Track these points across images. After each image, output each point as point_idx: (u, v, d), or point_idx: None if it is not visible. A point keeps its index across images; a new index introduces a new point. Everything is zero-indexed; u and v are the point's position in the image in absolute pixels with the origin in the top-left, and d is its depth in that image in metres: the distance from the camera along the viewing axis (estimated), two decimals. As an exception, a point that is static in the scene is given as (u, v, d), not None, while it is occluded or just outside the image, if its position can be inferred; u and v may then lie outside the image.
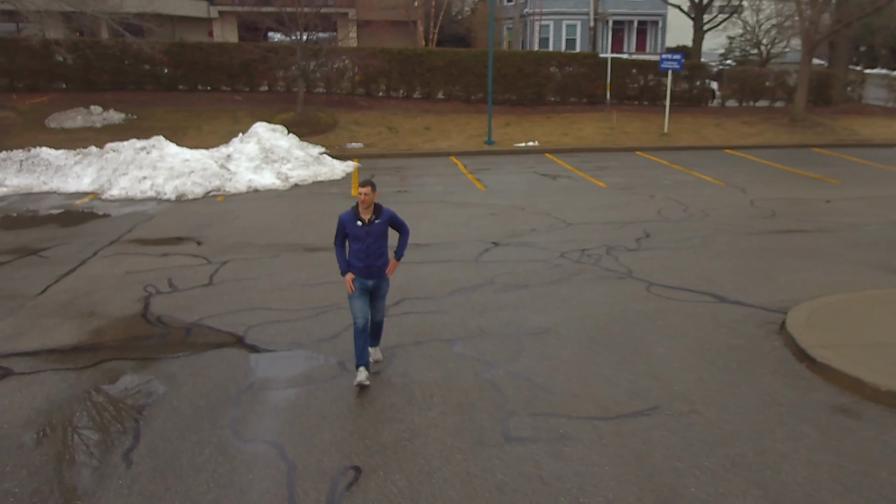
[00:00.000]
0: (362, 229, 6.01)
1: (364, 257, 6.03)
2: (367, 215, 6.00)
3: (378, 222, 6.03)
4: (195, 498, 4.60)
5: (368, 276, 6.10)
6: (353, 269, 6.09)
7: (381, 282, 6.22)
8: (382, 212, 6.09)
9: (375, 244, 6.05)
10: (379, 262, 6.12)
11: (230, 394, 6.00)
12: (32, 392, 6.00)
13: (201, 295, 8.43)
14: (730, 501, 4.58)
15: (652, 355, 6.75)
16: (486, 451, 5.16)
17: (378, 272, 6.13)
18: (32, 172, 15.10)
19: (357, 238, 6.03)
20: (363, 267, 6.06)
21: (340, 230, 6.13)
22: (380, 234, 6.08)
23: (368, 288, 6.14)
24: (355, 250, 6.06)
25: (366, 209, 5.99)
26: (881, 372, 6.10)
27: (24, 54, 21.43)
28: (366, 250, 6.02)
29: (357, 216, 6.02)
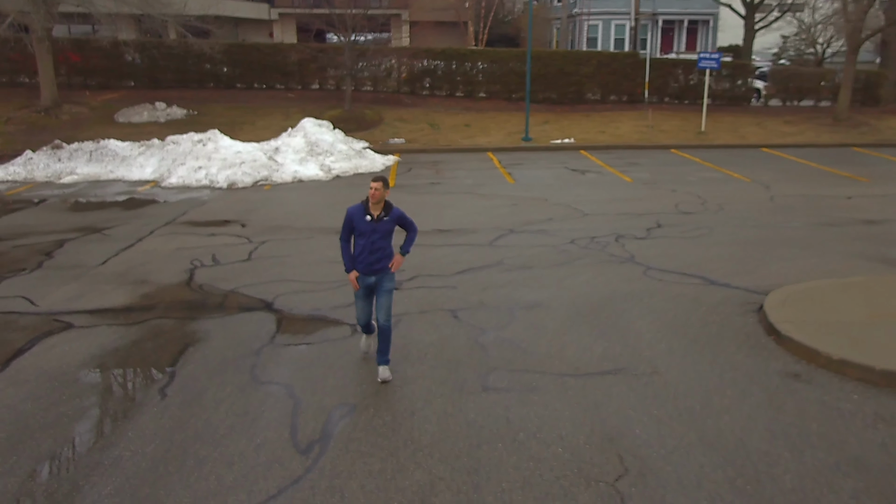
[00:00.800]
0: (370, 224, 5.98)
1: (368, 253, 6.01)
2: (377, 211, 5.99)
3: (386, 219, 6.02)
4: (214, 423, 5.58)
5: (370, 273, 6.07)
6: (357, 266, 6.08)
7: (384, 277, 6.15)
8: (392, 210, 6.08)
9: (380, 241, 6.02)
10: (382, 259, 6.09)
11: (254, 347, 7.00)
12: (89, 341, 7.14)
13: (239, 268, 9.52)
14: (666, 441, 5.28)
15: (629, 328, 7.44)
16: (464, 397, 5.99)
17: (381, 270, 6.10)
18: (101, 162, 16.65)
19: (363, 233, 6.00)
20: (366, 263, 6.04)
21: (347, 224, 6.06)
22: (386, 232, 6.05)
23: (370, 285, 6.14)
24: (360, 245, 6.03)
25: (375, 204, 5.97)
26: (836, 344, 6.64)
27: (97, 54, 23.31)
28: (370, 246, 5.99)
29: (366, 210, 6.00)
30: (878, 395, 5.99)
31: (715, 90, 25.85)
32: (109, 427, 5.51)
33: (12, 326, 7.45)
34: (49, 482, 4.81)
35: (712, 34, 43.16)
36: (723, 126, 23.93)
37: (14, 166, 16.35)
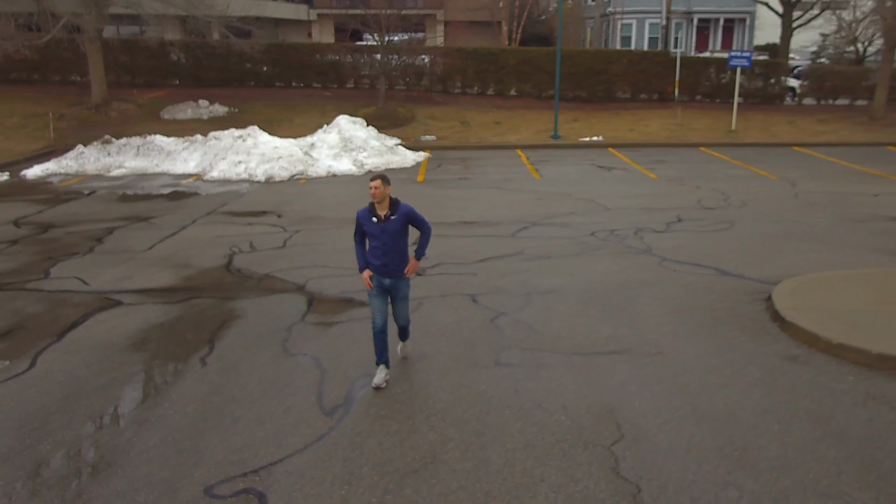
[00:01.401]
0: (377, 226, 5.84)
1: (381, 255, 5.88)
2: (382, 211, 5.86)
3: (394, 219, 5.85)
4: (249, 388, 6.15)
5: (385, 275, 5.96)
6: (371, 267, 5.97)
7: (399, 282, 6.03)
8: (399, 208, 5.90)
9: (392, 242, 5.87)
10: (396, 261, 5.93)
11: (286, 324, 7.57)
12: (136, 317, 7.80)
13: (275, 254, 10.14)
14: (662, 413, 5.67)
15: (638, 313, 7.81)
16: (477, 371, 6.46)
17: (395, 272, 5.96)
18: (147, 156, 17.53)
19: (374, 235, 5.88)
20: (380, 265, 5.92)
21: (358, 227, 5.98)
22: (396, 232, 5.88)
23: (386, 287, 6.02)
24: (372, 248, 5.94)
25: (379, 204, 5.84)
26: (837, 330, 6.93)
27: (144, 54, 24.36)
28: (382, 248, 5.86)
29: (372, 212, 5.88)
30: (873, 376, 6.28)
31: (748, 89, 25.80)
32: (155, 390, 6.13)
33: (67, 303, 8.17)
34: (103, 435, 5.42)
35: (749, 32, 42.71)
36: (754, 124, 23.89)
37: (67, 160, 17.34)
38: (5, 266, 9.56)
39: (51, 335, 7.19)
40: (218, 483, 4.74)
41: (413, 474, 4.84)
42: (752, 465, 4.94)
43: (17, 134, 20.65)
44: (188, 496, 4.59)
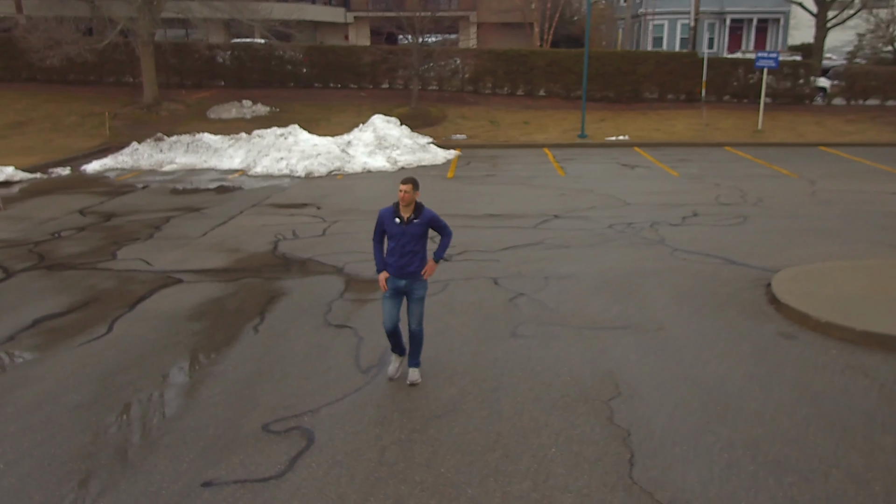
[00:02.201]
0: (399, 227, 5.93)
1: (398, 256, 5.95)
2: (407, 213, 5.94)
3: (416, 222, 5.94)
4: (295, 351, 7.06)
5: (401, 277, 6.00)
6: (388, 268, 6.03)
7: (415, 284, 6.06)
8: (423, 212, 5.98)
9: (411, 244, 5.94)
10: (413, 264, 5.99)
11: (327, 299, 8.49)
12: (195, 293, 8.79)
13: (315, 241, 11.09)
14: (657, 376, 6.42)
15: (646, 295, 8.54)
16: (494, 341, 7.28)
17: (411, 274, 6.01)
18: (196, 153, 18.72)
19: (393, 235, 5.96)
20: (396, 266, 5.98)
21: (379, 225, 6.07)
22: (416, 235, 5.95)
23: (401, 288, 6.05)
24: (391, 248, 6.00)
25: (405, 207, 5.93)
26: (827, 311, 7.58)
27: (192, 57, 25.69)
28: (400, 249, 5.94)
29: (396, 213, 5.97)
30: (855, 351, 6.94)
31: (776, 89, 26.07)
32: (215, 351, 7.08)
33: (134, 280, 9.21)
34: (173, 385, 6.39)
35: (783, 33, 42.63)
36: (781, 124, 24.20)
37: (122, 156, 18.62)
38: (77, 249, 10.69)
39: (123, 306, 8.22)
40: (273, 422, 5.65)
41: (436, 419, 5.69)
42: (730, 419, 5.67)
43: (74, 132, 22.09)
44: (249, 431, 5.51)
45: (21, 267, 9.73)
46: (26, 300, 8.42)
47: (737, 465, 5.01)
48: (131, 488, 4.78)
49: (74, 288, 8.85)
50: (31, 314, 7.93)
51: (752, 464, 5.03)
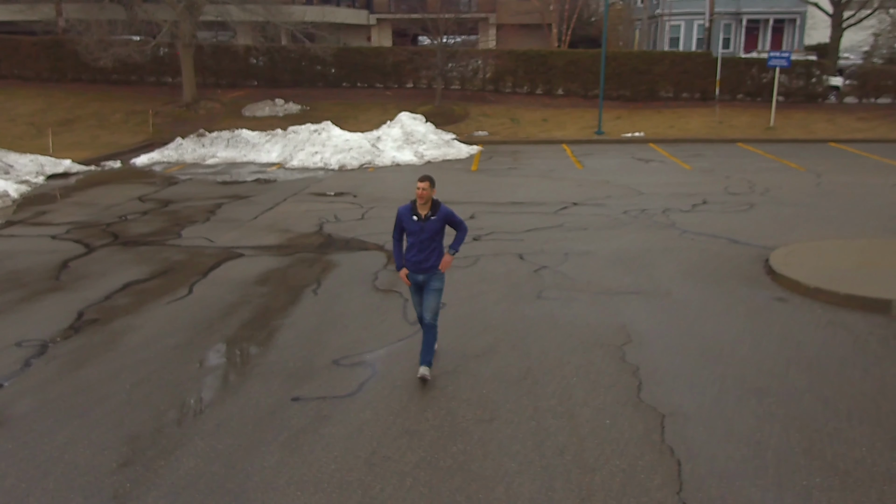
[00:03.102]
0: (417, 224, 6.08)
1: (416, 252, 6.12)
2: (424, 211, 6.08)
3: (434, 219, 6.08)
4: (351, 308, 8.19)
5: (419, 272, 6.19)
6: (407, 264, 6.23)
7: (432, 277, 6.24)
8: (440, 209, 6.12)
9: (429, 240, 6.09)
10: (430, 259, 6.16)
11: (372, 270, 9.63)
12: (256, 264, 9.97)
13: (356, 224, 12.25)
14: (663, 330, 7.47)
15: (656, 268, 9.59)
16: (522, 303, 8.37)
17: (429, 269, 6.19)
18: (236, 147, 19.99)
19: (411, 232, 6.12)
20: (415, 262, 6.16)
21: (398, 223, 6.23)
22: (434, 231, 6.11)
23: (419, 282, 6.28)
24: (409, 244, 6.18)
25: (423, 204, 6.07)
26: (817, 279, 8.59)
27: (228, 58, 27.03)
28: (419, 245, 6.10)
29: (414, 210, 6.12)
30: (838, 311, 7.95)
31: (790, 88, 26.82)
32: (284, 308, 8.25)
33: (202, 254, 10.43)
34: (253, 332, 7.55)
35: (799, 33, 43.22)
36: (793, 122, 25.01)
37: (168, 150, 19.94)
38: (146, 229, 11.94)
39: (197, 274, 9.43)
40: (341, 358, 6.80)
41: (476, 357, 6.80)
42: (723, 361, 6.72)
43: (120, 129, 23.49)
44: (322, 365, 6.66)
45: (100, 243, 10.99)
46: (112, 269, 9.66)
47: (726, 392, 6.07)
48: (236, 402, 5.94)
49: (151, 260, 10.08)
50: (119, 280, 9.16)
51: (738, 390, 6.09)
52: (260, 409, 5.80)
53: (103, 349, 6.97)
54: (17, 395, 6.04)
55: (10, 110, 24.15)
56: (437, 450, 5.20)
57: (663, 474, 4.86)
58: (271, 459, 5.07)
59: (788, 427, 5.48)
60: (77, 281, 9.13)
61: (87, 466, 4.97)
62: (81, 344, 7.11)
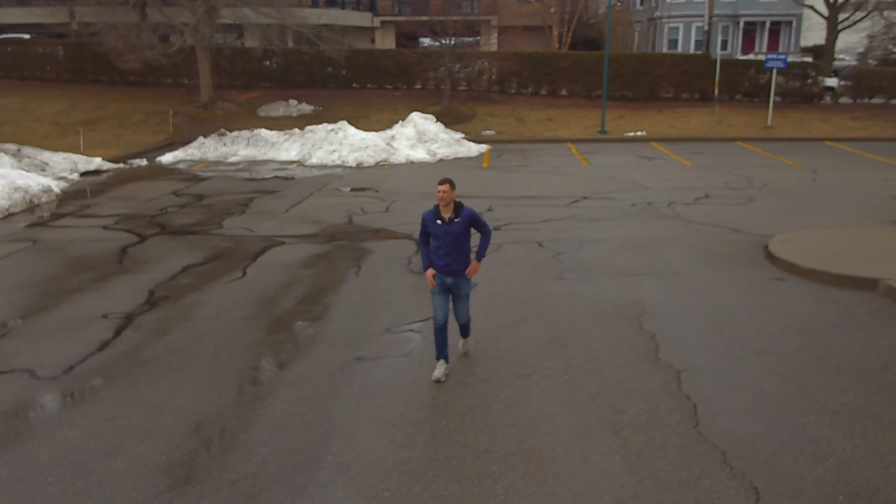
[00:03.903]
0: (441, 228, 6.10)
1: (443, 255, 6.14)
2: (447, 214, 6.10)
3: (457, 221, 6.09)
4: (391, 287, 9.06)
5: (448, 274, 6.23)
6: (434, 266, 6.24)
7: (461, 281, 6.28)
8: (462, 211, 6.14)
9: (455, 243, 6.11)
10: (458, 262, 6.18)
11: (405, 255, 10.51)
12: (299, 250, 10.85)
13: (382, 216, 13.13)
14: (674, 303, 8.36)
15: (665, 252, 10.50)
16: (545, 282, 9.26)
17: (457, 271, 6.22)
18: (256, 146, 20.86)
19: (437, 236, 6.14)
20: (443, 265, 6.18)
21: (423, 227, 6.29)
22: (459, 234, 6.12)
23: (448, 285, 6.29)
24: (435, 248, 6.21)
25: (445, 207, 6.10)
26: (812, 261, 9.50)
27: (242, 60, 27.91)
28: (445, 248, 6.12)
29: (437, 214, 6.14)
30: (830, 288, 8.86)
31: (786, 88, 27.80)
32: (332, 287, 9.13)
33: (246, 242, 11.30)
34: (310, 306, 8.43)
35: (795, 35, 44.25)
36: (790, 121, 25.97)
37: (191, 148, 20.80)
38: (188, 220, 12.81)
39: (247, 259, 10.31)
40: (392, 327, 7.69)
41: (510, 327, 7.69)
42: (727, 326, 7.63)
43: (140, 128, 24.34)
44: (376, 332, 7.55)
45: (150, 233, 11.86)
46: (167, 255, 10.54)
47: (732, 353, 6.97)
48: (308, 361, 6.83)
49: (201, 247, 10.96)
50: (178, 263, 10.04)
51: (742, 351, 6.99)
52: (331, 366, 6.69)
53: (180, 320, 7.86)
54: (117, 357, 6.92)
55: (34, 111, 24.99)
56: (488, 397, 6.09)
57: (682, 414, 5.76)
58: (349, 403, 5.96)
59: (786, 379, 6.39)
60: (139, 265, 10.01)
61: (195, 409, 5.86)
62: (160, 316, 7.99)
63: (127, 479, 4.86)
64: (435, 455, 5.19)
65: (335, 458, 5.16)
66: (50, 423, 5.65)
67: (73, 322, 7.78)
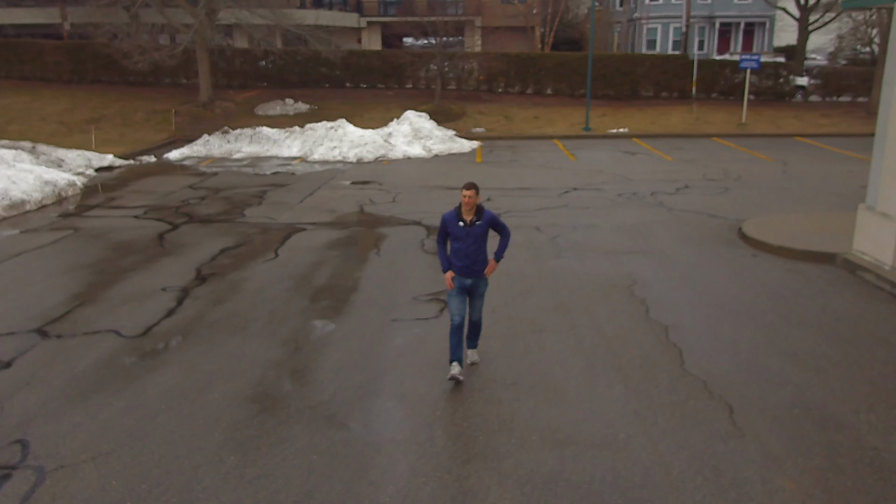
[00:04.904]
0: (463, 230, 6.24)
1: (463, 257, 6.27)
2: (469, 217, 6.25)
3: (479, 224, 6.26)
4: (410, 265, 10.16)
5: (467, 276, 6.35)
6: (454, 268, 6.36)
7: (479, 281, 6.44)
8: (484, 214, 6.32)
9: (475, 245, 6.26)
10: (478, 263, 6.33)
11: (417, 239, 11.63)
12: (321, 235, 11.91)
13: (391, 206, 14.23)
14: (659, 276, 9.57)
15: (650, 236, 11.73)
16: (545, 260, 10.43)
17: (476, 272, 6.36)
18: (258, 143, 21.83)
19: (458, 238, 6.27)
20: (462, 266, 6.30)
21: (443, 229, 6.40)
22: (479, 236, 6.28)
23: (466, 287, 6.40)
24: (455, 249, 6.33)
25: (468, 210, 6.23)
26: (780, 240, 10.78)
27: (239, 60, 28.79)
28: (465, 250, 6.25)
29: (459, 216, 6.28)
30: (796, 262, 10.14)
31: (760, 87, 29.32)
32: (358, 265, 10.21)
33: (271, 229, 12.34)
34: (339, 282, 9.51)
35: (768, 35, 46.00)
36: (763, 118, 27.46)
37: (196, 146, 21.72)
38: (211, 210, 13.81)
39: (276, 242, 11.37)
40: (418, 296, 8.81)
41: (519, 295, 8.85)
42: (707, 293, 8.86)
43: (143, 127, 25.15)
44: (404, 300, 8.66)
45: (180, 221, 12.86)
46: (202, 240, 11.55)
47: (710, 313, 8.20)
48: (350, 322, 7.94)
49: (231, 233, 11.98)
50: (214, 247, 11.07)
51: (719, 312, 8.22)
52: (371, 326, 7.80)
53: (231, 292, 8.91)
54: (185, 321, 7.97)
55: (38, 110, 25.69)
56: (508, 346, 7.25)
57: (670, 357, 6.96)
58: (393, 353, 7.08)
59: (755, 332, 7.62)
60: (179, 248, 11.02)
61: (265, 358, 6.94)
62: (212, 289, 9.04)
63: (225, 407, 5.94)
64: (471, 387, 6.33)
65: (391, 390, 6.29)
66: (146, 369, 6.71)
67: (137, 294, 8.81)
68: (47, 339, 7.43)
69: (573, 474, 5.02)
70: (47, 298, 8.69)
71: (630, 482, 4.92)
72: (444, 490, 4.85)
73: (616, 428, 5.65)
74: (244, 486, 4.84)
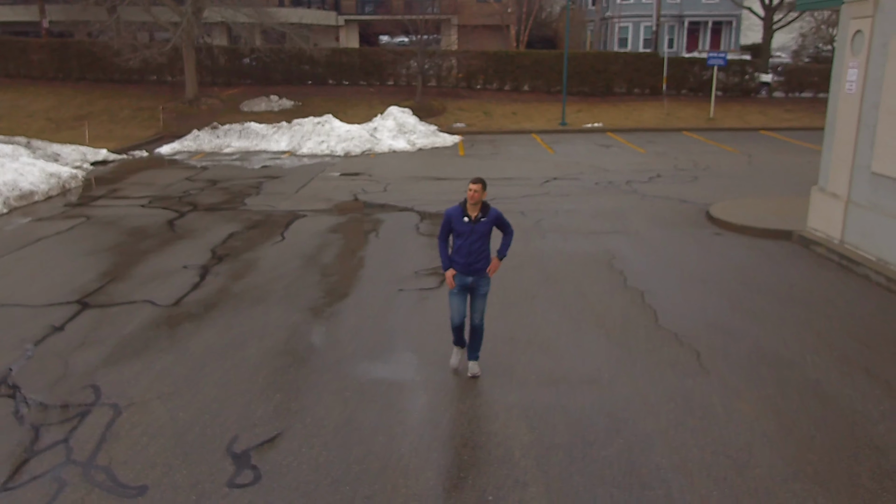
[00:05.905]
0: (468, 226, 6.11)
1: (466, 254, 6.12)
2: (475, 213, 6.12)
3: (484, 220, 6.13)
4: (409, 246, 11.03)
5: (469, 273, 6.19)
6: (455, 265, 6.20)
7: (481, 280, 6.26)
8: (489, 211, 6.17)
9: (478, 242, 6.12)
10: (480, 261, 6.18)
11: (412, 223, 12.49)
12: (322, 221, 12.70)
13: (383, 195, 15.07)
14: (635, 252, 10.58)
15: (626, 219, 12.75)
16: (532, 240, 11.37)
17: (479, 270, 6.20)
18: (247, 138, 22.48)
19: (461, 234, 6.13)
20: (464, 264, 6.15)
21: (446, 224, 6.22)
22: (484, 233, 6.15)
23: (467, 285, 6.25)
24: (458, 246, 6.17)
25: (473, 206, 6.10)
26: (743, 220, 11.87)
27: (224, 57, 29.33)
28: (468, 247, 6.11)
29: (464, 212, 6.12)
30: (757, 240, 11.22)
31: (727, 84, 30.66)
32: (360, 246, 11.05)
33: (274, 215, 13.11)
34: (345, 260, 10.35)
35: (735, 34, 47.61)
36: (731, 113, 28.79)
37: (187, 141, 22.30)
38: (213, 200, 14.52)
39: (280, 227, 12.15)
40: (419, 270, 9.69)
41: (512, 269, 9.76)
42: (678, 265, 9.88)
43: (130, 123, 25.60)
44: (407, 274, 9.53)
45: (186, 210, 13.57)
46: (211, 226, 12.29)
47: (681, 282, 9.21)
48: (361, 292, 8.80)
49: (236, 220, 12.74)
50: (224, 231, 11.83)
51: (689, 281, 9.24)
52: (380, 296, 8.67)
53: (248, 269, 9.71)
54: (211, 293, 8.76)
55: (24, 107, 26.00)
56: (506, 309, 8.17)
57: (646, 316, 7.95)
58: (403, 317, 7.97)
59: (720, 297, 8.65)
60: (191, 233, 11.76)
61: (289, 322, 7.78)
62: (230, 266, 9.82)
63: (262, 359, 6.78)
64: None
65: (406, 345, 7.18)
66: (186, 331, 7.52)
67: (161, 272, 9.56)
68: (90, 309, 8.18)
69: (567, 404, 5.96)
70: (78, 276, 9.41)
71: (614, 407, 5.88)
72: (461, 416, 5.77)
73: (601, 370, 6.60)
74: (292, 415, 5.70)
